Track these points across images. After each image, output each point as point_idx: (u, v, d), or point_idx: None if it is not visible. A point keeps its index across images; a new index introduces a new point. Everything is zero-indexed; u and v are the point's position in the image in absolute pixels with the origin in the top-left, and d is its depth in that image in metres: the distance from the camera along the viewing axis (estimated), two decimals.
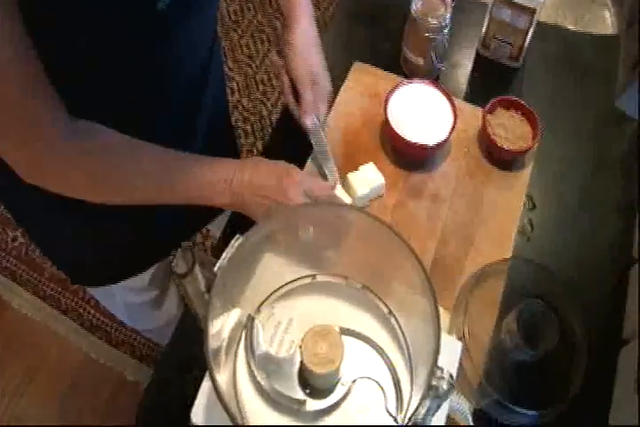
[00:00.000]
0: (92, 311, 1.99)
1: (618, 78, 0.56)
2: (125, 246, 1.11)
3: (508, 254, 1.00)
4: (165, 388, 0.92)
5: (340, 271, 0.81)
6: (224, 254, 0.65)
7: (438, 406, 0.62)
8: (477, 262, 0.98)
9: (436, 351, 0.62)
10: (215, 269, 0.64)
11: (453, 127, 1.02)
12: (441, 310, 0.94)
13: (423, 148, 1.01)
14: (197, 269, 0.65)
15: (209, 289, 0.67)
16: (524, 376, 0.89)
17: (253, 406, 0.74)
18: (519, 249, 1.00)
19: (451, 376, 0.60)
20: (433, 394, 0.60)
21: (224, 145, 1.28)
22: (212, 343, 0.66)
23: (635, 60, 0.51)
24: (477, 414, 0.87)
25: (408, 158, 1.06)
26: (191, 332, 0.90)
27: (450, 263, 1.00)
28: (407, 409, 0.72)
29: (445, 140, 1.01)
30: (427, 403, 0.60)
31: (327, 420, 0.72)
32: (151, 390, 0.93)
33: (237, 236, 0.66)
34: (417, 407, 0.59)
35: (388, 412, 0.72)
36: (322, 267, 0.81)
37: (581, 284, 0.98)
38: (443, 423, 0.73)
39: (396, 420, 0.72)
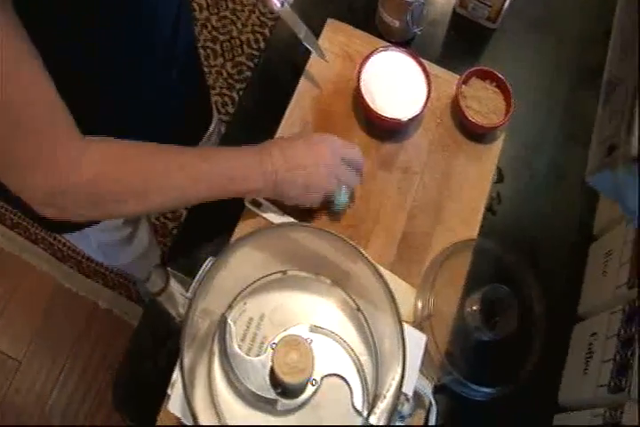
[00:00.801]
0: (63, 241, 2.00)
1: (590, 153, 0.55)
2: None
3: (476, 229, 1.01)
4: (140, 362, 0.95)
5: (311, 268, 0.83)
6: (197, 277, 0.66)
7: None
8: (445, 237, 1.00)
9: (401, 379, 0.64)
10: (189, 293, 0.65)
11: (427, 102, 1.00)
12: (407, 286, 0.98)
13: (395, 122, 1.00)
14: (172, 285, 0.67)
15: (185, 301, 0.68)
16: (483, 355, 0.94)
17: (227, 401, 0.77)
18: (485, 223, 1.02)
19: (413, 400, 0.64)
20: (397, 415, 0.64)
21: (191, 66, 1.21)
22: (188, 352, 0.69)
23: (609, 142, 0.51)
24: (438, 386, 0.92)
25: (380, 128, 1.05)
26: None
27: (418, 237, 1.01)
28: (372, 405, 0.77)
29: (418, 115, 1.00)
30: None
31: (296, 414, 0.77)
32: (125, 364, 0.95)
33: (210, 258, 0.67)
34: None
35: (354, 408, 0.77)
36: (292, 264, 0.83)
37: (545, 259, 1.01)
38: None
39: (361, 415, 0.76)
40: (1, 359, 1.88)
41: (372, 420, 0.73)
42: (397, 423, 0.65)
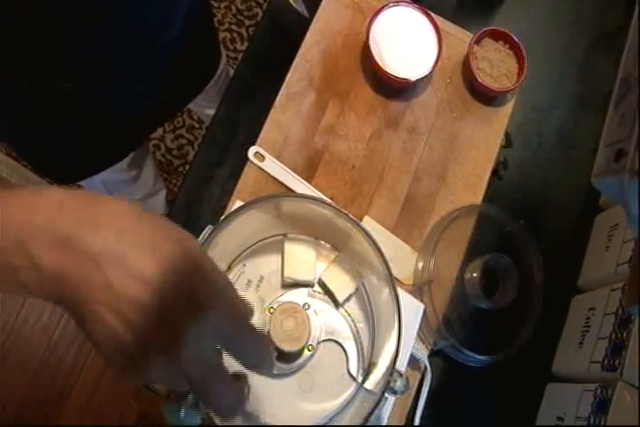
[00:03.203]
0: None
1: (598, 154, 0.54)
2: (102, 137, 1.10)
3: (481, 194, 1.00)
4: None
5: (311, 232, 0.82)
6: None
7: None
8: (449, 201, 0.99)
9: (394, 356, 0.64)
10: None
11: (437, 62, 0.98)
12: (409, 248, 0.97)
13: (403, 81, 0.98)
14: None
15: None
16: (480, 322, 0.94)
17: (225, 359, 0.78)
18: (490, 188, 1.01)
19: (407, 379, 0.64)
20: (390, 391, 0.64)
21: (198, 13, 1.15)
22: None
23: (618, 147, 0.48)
24: (434, 350, 0.93)
25: (388, 86, 1.03)
26: None
27: (422, 200, 1.00)
28: (367, 372, 0.77)
29: (427, 75, 0.98)
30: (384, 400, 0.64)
31: (292, 377, 0.77)
32: None
33: (209, 226, 0.66)
34: (376, 404, 0.63)
35: (349, 373, 0.77)
36: (293, 228, 0.82)
37: (548, 228, 1.01)
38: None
39: (356, 380, 0.77)
40: None
41: (367, 386, 0.74)
42: (390, 398, 0.66)
